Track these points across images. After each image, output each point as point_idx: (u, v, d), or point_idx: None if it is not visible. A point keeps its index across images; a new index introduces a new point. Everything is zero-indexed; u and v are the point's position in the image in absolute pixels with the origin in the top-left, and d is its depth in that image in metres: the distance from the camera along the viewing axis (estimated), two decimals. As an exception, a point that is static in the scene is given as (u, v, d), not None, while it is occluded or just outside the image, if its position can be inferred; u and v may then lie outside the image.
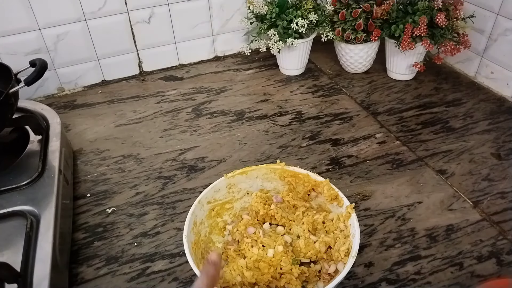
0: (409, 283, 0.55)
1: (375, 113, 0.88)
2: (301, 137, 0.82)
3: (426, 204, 0.67)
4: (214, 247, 0.57)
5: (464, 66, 1.01)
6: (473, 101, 0.91)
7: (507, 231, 0.62)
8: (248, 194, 0.63)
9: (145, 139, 0.84)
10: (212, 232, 0.60)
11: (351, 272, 0.57)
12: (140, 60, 1.04)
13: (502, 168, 0.73)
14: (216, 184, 0.59)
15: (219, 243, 0.59)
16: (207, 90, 0.99)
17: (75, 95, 0.99)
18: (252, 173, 0.62)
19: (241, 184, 0.62)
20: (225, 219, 0.61)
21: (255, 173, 0.62)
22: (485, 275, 0.56)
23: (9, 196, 0.60)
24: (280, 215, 0.58)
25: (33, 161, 0.67)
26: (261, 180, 0.63)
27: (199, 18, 1.03)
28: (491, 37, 0.91)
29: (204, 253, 0.54)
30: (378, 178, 0.72)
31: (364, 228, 0.63)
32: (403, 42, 0.88)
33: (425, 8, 0.88)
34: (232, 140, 0.82)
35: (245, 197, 0.63)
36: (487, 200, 0.67)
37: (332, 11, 0.95)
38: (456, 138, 0.80)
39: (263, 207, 0.59)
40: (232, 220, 0.62)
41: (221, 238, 0.59)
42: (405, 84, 0.98)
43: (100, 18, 0.94)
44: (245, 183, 0.63)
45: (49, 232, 0.54)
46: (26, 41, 0.90)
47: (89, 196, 0.71)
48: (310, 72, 1.04)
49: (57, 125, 0.74)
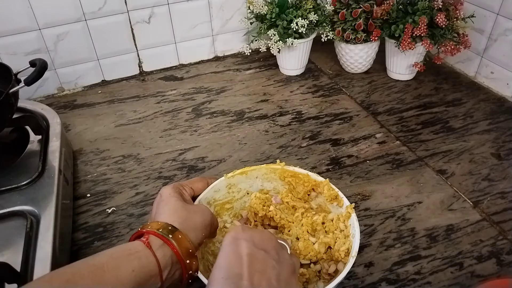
0: (409, 283, 0.55)
1: (375, 113, 0.88)
2: (301, 137, 0.82)
3: (426, 204, 0.67)
4: (214, 247, 0.57)
5: (464, 66, 1.01)
6: (473, 101, 0.91)
7: (507, 231, 0.62)
8: (248, 194, 0.63)
9: (145, 139, 0.84)
10: None
11: (351, 272, 0.57)
12: (140, 60, 1.04)
13: (502, 168, 0.73)
14: (216, 184, 0.59)
15: (219, 243, 0.58)
16: (207, 90, 0.99)
17: (75, 95, 0.99)
18: (252, 173, 0.62)
19: (241, 184, 0.62)
20: (224, 219, 0.61)
21: (255, 173, 0.62)
22: (485, 275, 0.56)
23: (9, 196, 0.60)
24: (279, 216, 0.58)
25: (33, 161, 0.67)
26: (261, 180, 0.63)
27: (199, 18, 1.03)
28: (491, 37, 0.91)
29: (203, 253, 0.54)
30: (378, 178, 0.72)
31: (364, 228, 0.63)
32: (403, 42, 0.88)
33: (425, 8, 0.88)
34: (232, 140, 0.82)
35: (245, 197, 0.63)
36: (487, 200, 0.67)
37: (332, 11, 0.95)
38: (456, 138, 0.80)
39: (262, 208, 0.59)
40: (232, 220, 0.62)
41: (221, 238, 0.59)
42: (405, 84, 0.98)
43: (100, 18, 0.94)
44: (245, 183, 0.62)
45: (49, 232, 0.54)
46: (26, 41, 0.90)
47: (89, 196, 0.71)
48: (310, 72, 1.04)
49: (57, 125, 0.74)
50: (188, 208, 0.49)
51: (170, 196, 0.50)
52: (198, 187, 0.56)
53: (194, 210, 0.49)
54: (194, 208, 0.50)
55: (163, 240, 0.43)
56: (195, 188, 0.55)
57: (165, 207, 0.48)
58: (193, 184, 0.55)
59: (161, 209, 0.48)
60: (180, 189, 0.52)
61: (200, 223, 0.48)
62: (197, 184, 0.56)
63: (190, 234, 0.45)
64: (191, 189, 0.54)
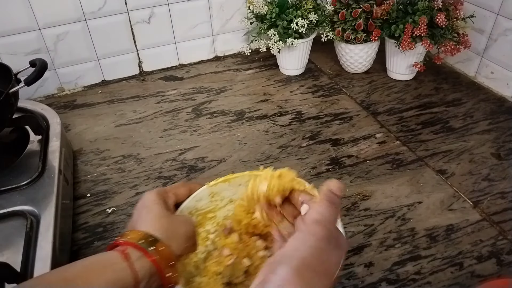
0: (409, 283, 0.55)
1: (375, 113, 0.88)
2: (301, 137, 0.82)
3: (426, 204, 0.67)
4: (197, 258, 0.54)
5: (464, 66, 1.01)
6: (473, 101, 0.91)
7: (507, 231, 0.62)
8: (232, 202, 0.60)
9: (145, 139, 0.84)
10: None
11: (351, 272, 0.57)
12: (140, 60, 1.04)
13: (502, 168, 0.73)
14: (198, 194, 0.56)
15: (202, 253, 0.55)
16: (207, 90, 0.99)
17: (75, 95, 0.99)
18: (235, 180, 0.58)
19: (224, 192, 0.59)
20: (207, 229, 0.58)
21: (239, 180, 0.59)
22: (485, 275, 0.56)
23: (9, 196, 0.60)
24: (263, 224, 0.56)
25: (33, 161, 0.67)
26: (244, 188, 0.59)
27: (199, 18, 1.03)
28: (491, 37, 0.91)
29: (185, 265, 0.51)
30: (378, 178, 0.72)
31: (364, 228, 0.63)
32: (403, 42, 0.88)
33: (425, 8, 0.88)
34: (232, 140, 0.82)
35: (229, 205, 0.60)
36: (487, 200, 0.67)
37: (332, 11, 0.95)
38: (456, 138, 0.80)
39: (245, 216, 0.56)
40: (215, 229, 0.58)
41: (204, 249, 0.56)
42: (405, 84, 0.98)
43: (100, 18, 0.94)
44: (228, 191, 0.59)
45: (49, 232, 0.54)
46: (26, 41, 0.90)
47: (89, 196, 0.71)
48: (310, 72, 1.04)
49: (57, 125, 0.74)
50: (172, 218, 0.47)
51: (154, 202, 0.47)
52: (182, 194, 0.53)
53: (178, 220, 0.48)
54: (178, 218, 0.48)
55: (142, 252, 0.41)
56: (179, 194, 0.53)
57: (148, 214, 0.46)
58: (176, 190, 0.52)
59: (143, 215, 0.46)
60: (165, 196, 0.50)
61: (183, 234, 0.46)
62: (180, 190, 0.53)
63: (172, 245, 0.44)
64: (174, 195, 0.52)
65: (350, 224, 0.64)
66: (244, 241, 0.56)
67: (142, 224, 0.44)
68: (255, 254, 0.55)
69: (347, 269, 0.57)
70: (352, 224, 0.64)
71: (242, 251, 0.55)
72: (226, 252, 0.54)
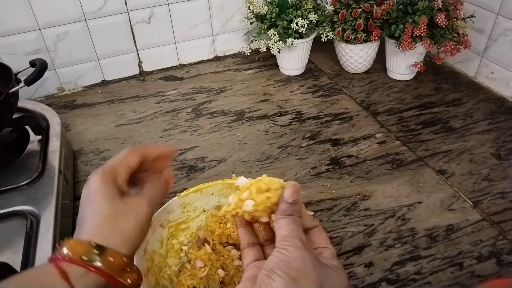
0: (409, 283, 0.55)
1: (375, 113, 0.88)
2: (301, 137, 0.82)
3: (426, 204, 0.67)
4: (170, 271, 0.54)
5: (464, 66, 1.01)
6: (473, 101, 0.91)
7: (507, 231, 0.62)
8: (205, 212, 0.59)
9: (145, 139, 0.84)
10: (168, 256, 0.55)
11: (351, 272, 0.57)
12: (140, 60, 1.04)
13: (502, 168, 0.73)
14: (168, 205, 0.55)
15: (176, 266, 0.55)
16: (207, 90, 0.99)
17: (75, 95, 0.99)
18: (207, 190, 0.58)
19: (196, 202, 0.58)
20: (181, 240, 0.57)
21: (211, 189, 0.58)
22: (485, 275, 0.56)
23: (9, 196, 0.60)
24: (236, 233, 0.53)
25: (33, 161, 0.67)
26: (217, 197, 0.59)
27: (199, 18, 1.03)
28: (491, 37, 0.91)
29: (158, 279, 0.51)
30: (378, 178, 0.72)
31: (364, 228, 0.63)
32: (403, 42, 0.88)
33: (425, 8, 0.88)
34: (232, 140, 0.82)
35: (202, 215, 0.59)
36: (487, 200, 0.67)
37: (332, 11, 0.95)
38: (456, 138, 0.80)
39: (218, 226, 0.55)
40: (189, 240, 0.58)
41: (178, 261, 0.55)
42: (405, 84, 0.98)
43: (100, 18, 0.94)
44: (201, 201, 0.59)
45: (49, 232, 0.54)
46: (26, 41, 0.90)
47: (89, 196, 0.71)
48: (310, 72, 1.04)
49: (57, 125, 0.74)
50: (117, 209, 0.39)
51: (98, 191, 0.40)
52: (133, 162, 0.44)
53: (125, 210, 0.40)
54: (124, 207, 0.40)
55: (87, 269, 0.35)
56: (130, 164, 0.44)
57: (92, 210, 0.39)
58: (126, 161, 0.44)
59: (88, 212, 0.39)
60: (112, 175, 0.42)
61: (133, 227, 0.39)
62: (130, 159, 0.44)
63: (122, 247, 0.37)
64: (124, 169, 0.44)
65: (350, 224, 0.64)
66: (218, 251, 0.55)
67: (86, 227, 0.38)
68: (230, 264, 0.54)
69: (347, 269, 0.57)
70: (352, 224, 0.64)
71: (216, 262, 0.53)
72: (199, 264, 0.53)
